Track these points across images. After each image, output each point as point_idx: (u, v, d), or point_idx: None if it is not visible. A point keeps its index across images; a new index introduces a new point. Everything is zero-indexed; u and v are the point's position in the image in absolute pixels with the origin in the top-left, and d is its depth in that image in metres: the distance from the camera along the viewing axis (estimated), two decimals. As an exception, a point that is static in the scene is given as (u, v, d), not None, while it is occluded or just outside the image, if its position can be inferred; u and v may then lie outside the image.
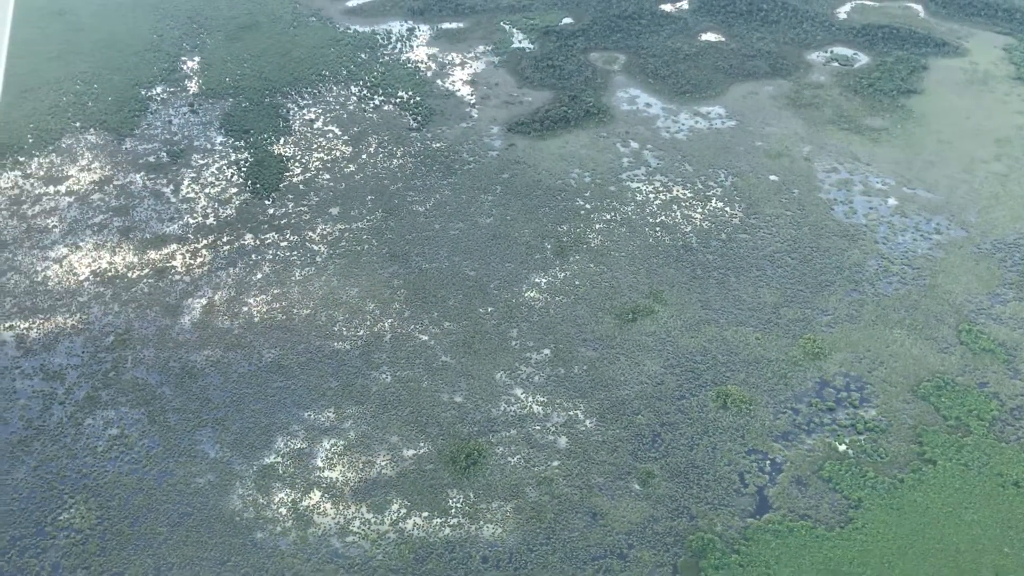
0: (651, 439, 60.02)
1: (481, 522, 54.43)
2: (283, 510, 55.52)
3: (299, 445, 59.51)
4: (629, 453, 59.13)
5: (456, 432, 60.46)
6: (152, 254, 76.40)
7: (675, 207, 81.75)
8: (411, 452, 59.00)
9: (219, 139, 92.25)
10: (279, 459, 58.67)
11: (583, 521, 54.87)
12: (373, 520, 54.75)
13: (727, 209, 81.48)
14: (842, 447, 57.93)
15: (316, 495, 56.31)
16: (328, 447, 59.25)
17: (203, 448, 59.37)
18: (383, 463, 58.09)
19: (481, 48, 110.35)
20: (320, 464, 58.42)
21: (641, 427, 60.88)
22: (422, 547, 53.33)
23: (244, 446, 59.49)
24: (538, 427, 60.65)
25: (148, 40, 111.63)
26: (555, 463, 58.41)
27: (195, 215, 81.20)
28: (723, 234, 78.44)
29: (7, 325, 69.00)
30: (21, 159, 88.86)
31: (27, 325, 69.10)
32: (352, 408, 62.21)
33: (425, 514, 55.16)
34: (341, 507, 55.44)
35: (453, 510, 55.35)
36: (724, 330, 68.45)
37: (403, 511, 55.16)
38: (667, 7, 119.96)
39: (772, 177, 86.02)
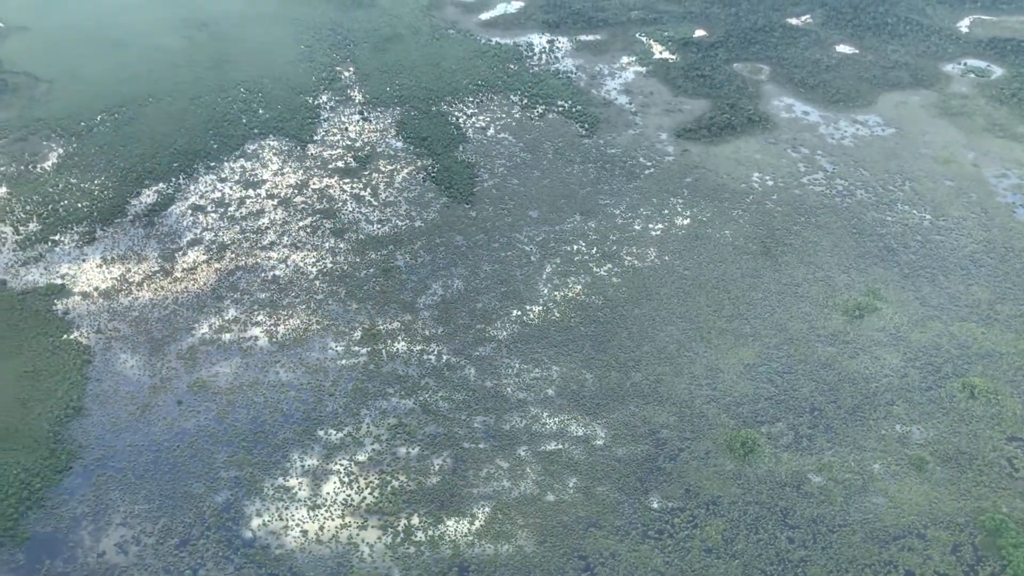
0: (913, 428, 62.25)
1: (776, 505, 56.60)
2: (579, 495, 57.56)
3: (580, 431, 61.68)
4: (896, 440, 61.38)
5: (723, 423, 62.70)
6: (372, 254, 78.70)
7: (864, 211, 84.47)
8: (687, 441, 61.21)
9: (399, 145, 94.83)
10: (561, 446, 60.81)
11: (873, 504, 57.03)
12: (668, 505, 56.82)
13: (914, 212, 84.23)
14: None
15: (605, 486, 58.39)
16: (598, 436, 61.38)
17: (480, 433, 61.43)
18: (657, 452, 60.27)
19: (625, 59, 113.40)
20: (599, 443, 60.54)
21: (900, 417, 63.17)
22: (727, 528, 55.41)
23: (522, 432, 61.66)
24: (800, 419, 62.90)
25: (297, 50, 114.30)
26: (827, 451, 60.66)
27: (401, 218, 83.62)
28: (918, 236, 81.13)
29: (254, 320, 71.08)
30: (212, 164, 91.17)
31: (273, 321, 71.23)
32: (611, 402, 64.42)
33: (719, 496, 57.27)
34: (632, 492, 57.53)
35: (746, 496, 57.46)
36: (949, 325, 70.98)
37: (694, 495, 57.30)
38: (794, 20, 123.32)
39: (947, 182, 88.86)
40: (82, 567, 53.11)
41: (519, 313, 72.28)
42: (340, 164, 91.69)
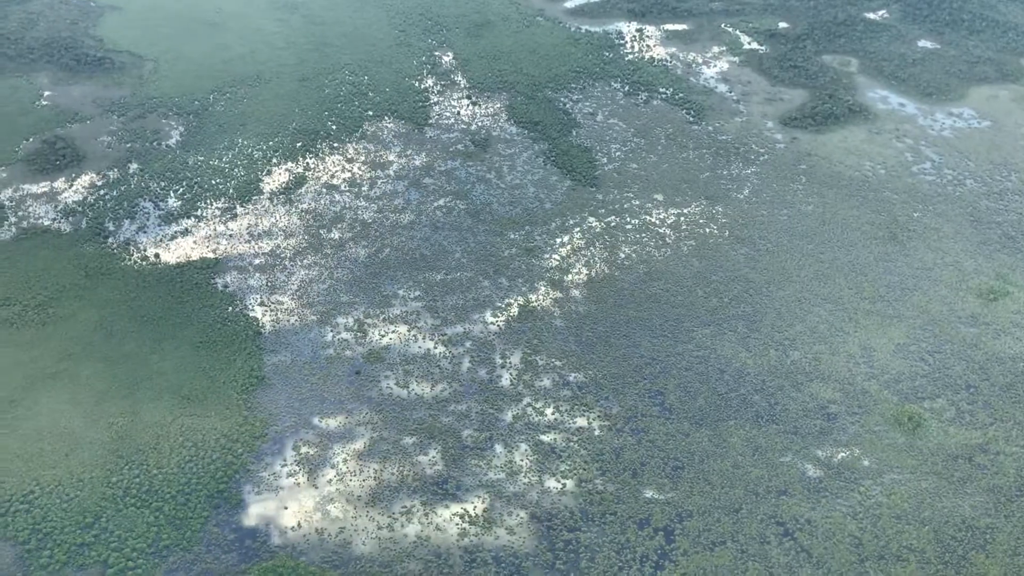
0: (1066, 405, 65.12)
1: (952, 475, 59.34)
2: (762, 467, 60.03)
3: (751, 407, 64.01)
4: (1053, 417, 64.21)
5: (885, 399, 65.33)
6: (511, 235, 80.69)
7: (977, 200, 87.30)
8: (856, 416, 63.82)
9: (513, 130, 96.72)
10: (734, 420, 63.16)
11: (1042, 476, 59.83)
12: (850, 475, 59.43)
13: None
14: None
15: (786, 456, 60.90)
16: (771, 410, 63.77)
17: (651, 406, 63.79)
18: (830, 425, 62.81)
19: (716, 49, 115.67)
20: (772, 417, 62.97)
21: (1052, 394, 66.00)
22: (911, 497, 58.07)
23: (684, 404, 63.99)
24: (958, 396, 65.66)
25: (393, 35, 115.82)
26: (990, 426, 63.45)
27: (530, 200, 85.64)
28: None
29: (413, 295, 73.03)
30: (335, 144, 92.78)
31: (431, 297, 73.21)
32: (775, 379, 66.86)
33: (896, 467, 59.94)
34: (814, 462, 60.09)
35: (922, 467, 60.16)
36: (1081, 310, 73.84)
37: (873, 466, 59.94)
38: (871, 15, 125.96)
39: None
40: (305, 533, 54.94)
41: (665, 292, 74.46)
42: (460, 147, 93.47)
